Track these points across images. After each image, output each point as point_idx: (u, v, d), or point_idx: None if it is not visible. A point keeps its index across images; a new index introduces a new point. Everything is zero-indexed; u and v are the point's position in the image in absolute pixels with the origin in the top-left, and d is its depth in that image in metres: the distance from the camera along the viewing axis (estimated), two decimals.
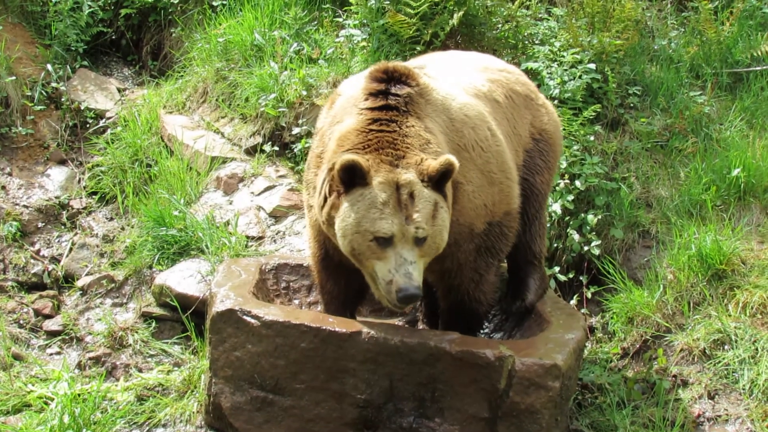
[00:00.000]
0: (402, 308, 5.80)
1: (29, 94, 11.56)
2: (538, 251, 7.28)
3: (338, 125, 5.95)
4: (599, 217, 8.62)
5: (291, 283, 7.40)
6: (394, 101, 5.79)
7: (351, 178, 5.50)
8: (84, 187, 10.89)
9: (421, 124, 5.79)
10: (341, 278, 6.47)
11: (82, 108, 11.69)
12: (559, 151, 7.57)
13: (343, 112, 6.02)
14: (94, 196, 10.74)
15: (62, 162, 11.20)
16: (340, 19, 10.80)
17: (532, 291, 7.12)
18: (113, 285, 9.04)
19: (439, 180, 5.54)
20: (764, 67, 10.20)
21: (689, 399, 7.11)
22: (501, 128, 6.56)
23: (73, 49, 12.36)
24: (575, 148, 8.87)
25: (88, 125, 11.64)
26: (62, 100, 11.71)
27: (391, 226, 5.44)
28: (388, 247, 5.51)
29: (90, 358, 8.13)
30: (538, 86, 9.24)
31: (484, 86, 6.70)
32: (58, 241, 10.09)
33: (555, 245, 8.66)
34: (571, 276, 8.57)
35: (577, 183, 8.70)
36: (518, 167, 6.80)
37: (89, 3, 12.39)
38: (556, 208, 8.56)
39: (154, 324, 8.41)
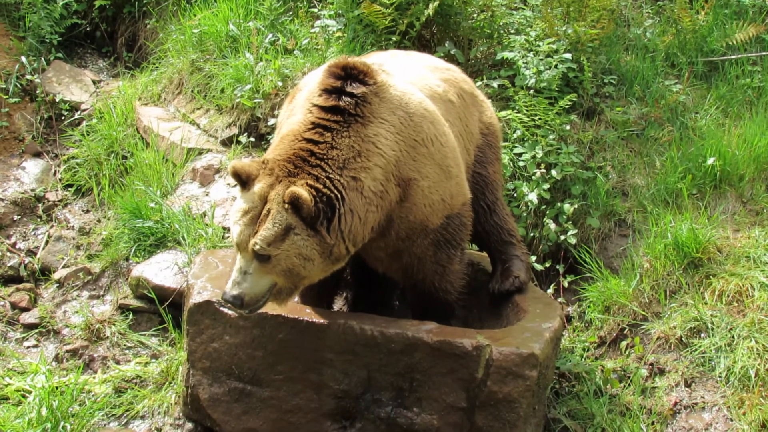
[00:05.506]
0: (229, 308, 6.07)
1: (3, 86, 11.52)
2: (512, 228, 7.38)
3: (292, 118, 6.05)
4: (575, 206, 8.64)
5: None
6: (344, 103, 5.80)
7: (241, 180, 5.70)
8: (60, 180, 10.85)
9: (363, 131, 5.80)
10: None
11: (57, 100, 11.66)
12: (501, 141, 7.70)
13: (299, 106, 6.09)
14: (69, 189, 10.69)
15: (37, 154, 11.15)
16: (316, 10, 10.79)
17: (523, 270, 7.17)
18: (90, 277, 8.99)
19: (297, 207, 5.50)
20: (739, 56, 10.24)
21: (666, 387, 7.14)
22: (455, 128, 6.63)
23: (47, 41, 12.33)
24: (551, 137, 8.89)
25: (63, 117, 11.61)
26: (37, 92, 11.67)
27: (239, 235, 5.62)
28: (238, 252, 5.69)
29: (67, 351, 8.10)
30: (514, 76, 9.30)
31: (440, 87, 6.74)
32: (34, 234, 10.04)
33: (531, 234, 8.68)
34: (547, 265, 8.60)
35: (553, 172, 8.71)
36: (470, 164, 6.97)
37: None
38: (532, 197, 8.58)
39: (131, 316, 8.37)
